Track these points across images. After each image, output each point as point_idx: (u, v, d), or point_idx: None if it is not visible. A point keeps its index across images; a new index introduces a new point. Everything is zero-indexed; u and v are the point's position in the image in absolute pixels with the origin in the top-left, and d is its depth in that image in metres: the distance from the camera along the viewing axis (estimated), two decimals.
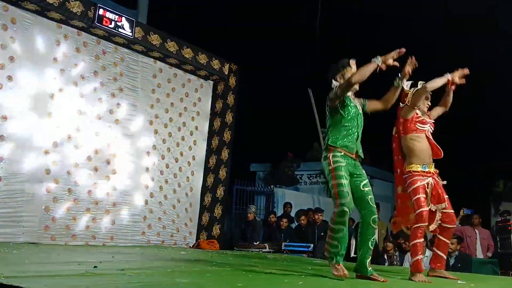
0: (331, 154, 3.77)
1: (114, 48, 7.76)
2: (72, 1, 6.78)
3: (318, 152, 13.59)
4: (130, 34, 7.51)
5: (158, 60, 8.34)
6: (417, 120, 4.36)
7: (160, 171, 8.33)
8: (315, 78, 12.46)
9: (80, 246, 6.66)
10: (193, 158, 8.93)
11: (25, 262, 4.05)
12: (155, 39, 7.88)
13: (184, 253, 6.50)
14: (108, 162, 7.53)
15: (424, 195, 4.17)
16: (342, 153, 3.77)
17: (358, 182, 3.78)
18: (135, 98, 8.00)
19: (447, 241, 4.40)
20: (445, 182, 4.40)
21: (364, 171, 3.89)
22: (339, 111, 3.84)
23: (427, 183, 4.24)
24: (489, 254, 7.85)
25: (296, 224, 9.26)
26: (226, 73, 9.16)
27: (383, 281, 3.62)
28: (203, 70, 8.81)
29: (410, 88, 4.39)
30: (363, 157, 3.90)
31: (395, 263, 6.93)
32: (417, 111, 4.39)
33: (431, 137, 4.38)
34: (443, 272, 4.34)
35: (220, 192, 8.99)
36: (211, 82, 9.29)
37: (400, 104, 4.42)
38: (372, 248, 3.79)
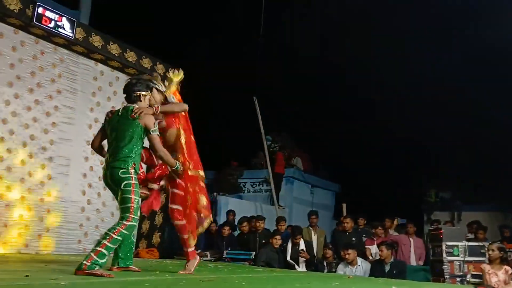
0: (134, 170, 4.11)
1: (54, 48, 7.46)
2: None
3: (262, 160, 13.65)
4: (71, 34, 7.27)
5: (99, 63, 8.10)
6: None
7: (99, 177, 7.98)
8: (260, 86, 12.57)
9: (11, 255, 6.32)
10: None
11: None
12: (97, 40, 7.67)
13: None
14: (43, 167, 7.21)
15: None
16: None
17: None
18: (74, 100, 7.72)
19: None
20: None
21: None
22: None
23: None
24: (421, 263, 8.20)
25: (239, 231, 9.24)
26: None
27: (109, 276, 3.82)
28: (147, 74, 8.63)
29: None
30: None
31: (334, 270, 7.08)
32: None
33: None
34: None
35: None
36: None
37: None
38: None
